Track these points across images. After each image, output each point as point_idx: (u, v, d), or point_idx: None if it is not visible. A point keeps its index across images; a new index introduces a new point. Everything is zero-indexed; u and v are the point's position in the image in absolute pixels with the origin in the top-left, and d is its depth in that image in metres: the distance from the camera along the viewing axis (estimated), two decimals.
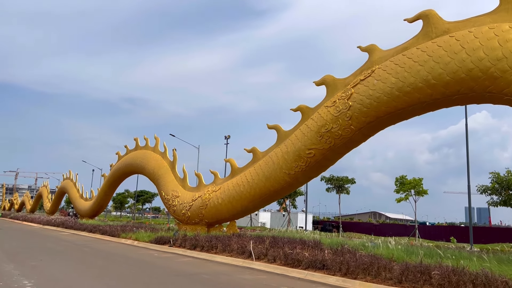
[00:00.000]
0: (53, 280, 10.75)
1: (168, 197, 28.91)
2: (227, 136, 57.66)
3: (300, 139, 19.16)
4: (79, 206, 50.28)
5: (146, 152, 35.02)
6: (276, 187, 20.73)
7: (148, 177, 33.68)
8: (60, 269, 12.76)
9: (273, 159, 20.82)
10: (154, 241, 22.32)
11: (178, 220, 28.13)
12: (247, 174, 22.48)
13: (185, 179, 29.30)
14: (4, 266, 12.80)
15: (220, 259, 16.29)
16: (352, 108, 16.77)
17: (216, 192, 24.53)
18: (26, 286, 9.65)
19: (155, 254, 18.48)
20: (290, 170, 19.72)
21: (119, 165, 39.58)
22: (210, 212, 24.60)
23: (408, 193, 38.29)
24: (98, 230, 30.69)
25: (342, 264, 12.05)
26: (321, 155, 18.33)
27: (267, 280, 11.80)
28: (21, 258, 15.25)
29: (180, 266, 14.52)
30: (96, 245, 22.36)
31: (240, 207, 22.93)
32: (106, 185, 42.43)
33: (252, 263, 14.68)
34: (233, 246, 17.21)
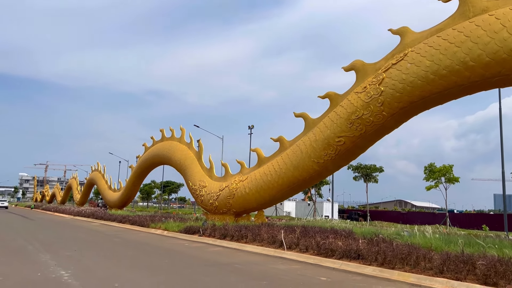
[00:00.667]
0: (88, 270, 10.85)
1: (195, 187, 29.03)
2: (251, 126, 57.52)
3: (329, 127, 18.75)
4: (108, 197, 51.30)
5: (172, 143, 35.24)
6: (305, 176, 20.44)
7: (175, 167, 33.92)
8: (94, 260, 12.89)
9: (301, 147, 20.50)
10: (183, 231, 22.44)
11: (206, 210, 28.24)
12: (275, 164, 22.26)
13: (212, 169, 29.33)
14: (40, 257, 13.03)
15: (251, 248, 16.19)
16: (384, 93, 16.23)
17: (243, 182, 24.43)
18: (63, 277, 9.74)
19: (186, 244, 18.55)
20: (319, 159, 19.37)
21: (146, 156, 40.02)
22: (238, 201, 24.56)
23: (438, 180, 37.38)
24: (128, 220, 31.16)
25: (379, 253, 11.71)
26: (352, 142, 17.90)
27: (301, 270, 11.60)
28: (55, 248, 15.53)
29: (212, 256, 14.49)
30: (127, 235, 22.66)
31: (268, 196, 22.77)
32: (133, 176, 43.06)
33: (283, 253, 14.50)
34: (263, 235, 17.07)
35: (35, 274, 9.96)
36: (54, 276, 9.83)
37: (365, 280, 10.32)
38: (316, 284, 9.65)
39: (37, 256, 13.18)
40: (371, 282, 10.14)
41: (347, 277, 10.75)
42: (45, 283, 8.94)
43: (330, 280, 10.19)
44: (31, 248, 15.31)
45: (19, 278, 9.48)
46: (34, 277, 9.65)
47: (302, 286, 9.40)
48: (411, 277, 10.18)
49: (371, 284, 9.85)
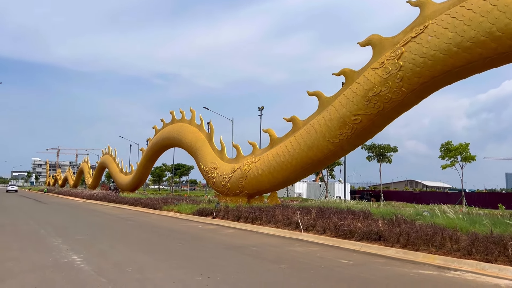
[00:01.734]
0: (101, 254, 10.54)
1: (207, 169, 28.71)
2: (261, 107, 56.89)
3: (345, 105, 18.09)
4: (119, 180, 51.41)
5: (183, 125, 34.87)
6: (319, 156, 19.90)
7: (186, 150, 33.61)
8: (107, 243, 12.61)
9: (315, 127, 19.90)
10: (196, 213, 22.18)
11: (218, 191, 27.97)
12: (288, 144, 21.73)
13: (223, 151, 28.93)
14: (52, 241, 12.79)
15: (266, 230, 15.82)
16: (403, 68, 15.48)
17: (255, 163, 23.99)
18: (75, 261, 9.44)
19: (199, 226, 18.27)
20: (334, 138, 18.78)
21: (157, 139, 39.77)
22: (251, 183, 24.17)
23: (454, 159, 36.60)
24: (140, 203, 31.08)
25: (401, 235, 11.22)
26: (369, 121, 17.24)
27: (321, 253, 11.18)
28: (68, 232, 15.32)
29: (227, 238, 14.14)
30: (140, 218, 22.48)
31: (281, 177, 22.32)
32: (144, 159, 42.93)
33: (300, 235, 14.09)
34: (278, 217, 16.67)
35: (46, 259, 9.67)
36: (65, 261, 9.53)
37: (388, 263, 9.86)
38: (338, 267, 9.22)
39: (49, 240, 12.94)
40: (395, 264, 9.69)
41: (369, 259, 10.30)
42: (57, 268, 8.63)
43: (352, 263, 9.75)
44: (43, 232, 15.12)
45: (30, 263, 9.20)
46: (45, 262, 9.36)
47: (323, 269, 8.98)
48: (437, 259, 9.69)
49: (395, 267, 9.39)
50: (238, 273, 8.41)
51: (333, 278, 8.16)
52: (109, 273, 8.26)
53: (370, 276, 8.39)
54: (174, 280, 7.73)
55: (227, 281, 7.69)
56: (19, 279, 7.67)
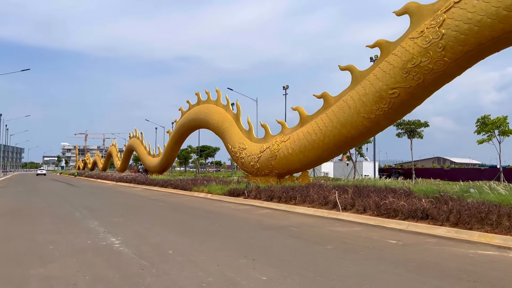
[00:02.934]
0: (139, 237, 10.33)
1: (235, 150, 28.42)
2: (285, 86, 56.04)
3: (381, 78, 17.23)
4: (148, 162, 51.91)
5: (209, 106, 34.56)
6: (353, 134, 19.19)
7: (213, 131, 33.36)
8: (143, 225, 12.44)
9: (348, 103, 19.13)
10: (227, 193, 21.94)
11: (247, 172, 27.69)
12: (319, 122, 21.06)
13: (251, 131, 28.53)
14: (88, 223, 12.72)
15: (301, 210, 15.38)
16: (445, 36, 14.48)
17: (285, 142, 23.49)
18: (114, 244, 9.24)
19: (232, 207, 17.99)
20: (369, 114, 18.00)
21: (183, 120, 39.67)
22: (281, 163, 23.73)
23: (491, 133, 35.06)
24: (170, 184, 31.15)
25: (451, 213, 10.56)
26: (407, 94, 16.37)
27: (365, 233, 10.66)
28: (102, 214, 15.28)
29: (263, 219, 13.78)
30: (171, 199, 22.43)
31: (313, 156, 21.75)
32: (172, 141, 43.03)
33: (339, 214, 13.58)
34: (313, 196, 16.18)
35: (85, 242, 9.52)
36: (104, 243, 9.35)
37: (441, 242, 9.26)
38: (387, 248, 8.69)
39: (85, 223, 12.88)
40: (449, 244, 9.08)
41: (419, 239, 9.72)
42: (97, 251, 8.43)
43: (402, 243, 9.20)
44: (78, 215, 15.13)
45: (69, 246, 9.05)
46: (84, 244, 9.20)
47: (372, 250, 8.47)
48: (495, 239, 9.03)
49: (450, 247, 8.79)
50: (283, 255, 8.00)
51: (386, 259, 7.64)
52: (150, 256, 7.99)
53: (425, 257, 7.83)
54: (218, 263, 7.38)
55: (273, 264, 7.28)
56: (61, 262, 7.49)
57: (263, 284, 6.08)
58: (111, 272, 6.79)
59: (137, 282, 6.21)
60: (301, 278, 6.36)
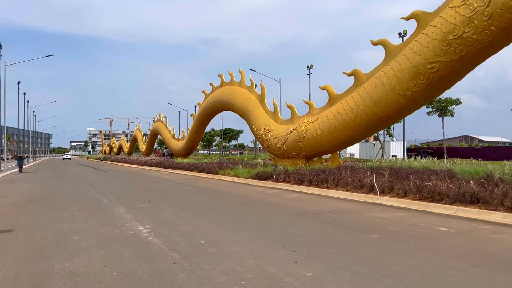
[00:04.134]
0: (168, 225, 9.81)
1: (260, 132, 27.70)
2: (309, 66, 54.72)
3: (418, 52, 16.04)
4: (172, 146, 51.87)
5: (232, 88, 33.82)
6: (388, 112, 18.11)
7: (237, 113, 32.68)
8: (171, 212, 11.96)
9: (382, 80, 18.02)
10: (255, 176, 21.35)
11: (273, 154, 26.98)
12: (350, 101, 20.02)
13: (276, 112, 27.67)
14: (115, 210, 12.33)
15: (335, 194, 14.61)
16: (492, 3, 13.17)
17: (313, 123, 22.58)
18: (142, 233, 8.74)
19: (261, 191, 17.38)
20: (405, 91, 16.88)
21: (207, 103, 39.12)
22: (309, 144, 22.88)
23: None
24: (195, 168, 30.83)
25: (506, 196, 9.60)
26: (448, 68, 15.17)
27: (409, 218, 9.84)
28: (129, 200, 14.92)
29: (295, 203, 13.10)
30: (198, 183, 22.01)
31: (343, 137, 20.79)
32: (196, 124, 42.64)
33: (377, 198, 12.76)
34: (346, 179, 15.37)
35: (112, 231, 9.06)
36: (132, 232, 8.86)
37: (498, 230, 8.36)
38: (440, 236, 7.86)
39: (112, 210, 12.49)
40: (508, 232, 8.17)
41: (471, 226, 8.83)
42: (124, 242, 7.93)
43: (454, 231, 8.35)
44: (105, 201, 14.81)
45: (96, 236, 8.60)
46: (111, 234, 8.74)
47: (423, 240, 7.67)
48: None
49: (511, 235, 7.89)
50: (325, 246, 7.30)
51: (442, 250, 6.84)
52: (181, 247, 7.42)
53: (485, 247, 6.98)
54: (256, 255, 6.75)
55: (316, 257, 6.59)
56: (87, 255, 7.01)
57: (309, 281, 5.40)
58: (140, 267, 6.24)
59: (169, 279, 5.63)
60: (351, 274, 5.65)
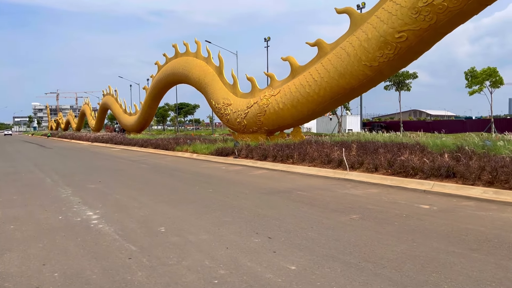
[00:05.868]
0: (121, 208, 8.64)
1: (219, 106, 26.50)
2: (267, 38, 53.54)
3: (386, 21, 15.39)
4: (124, 121, 49.39)
5: (188, 59, 32.10)
6: (353, 84, 17.51)
7: (194, 85, 31.12)
8: (124, 193, 10.74)
9: (347, 50, 17.32)
10: (215, 153, 20.29)
11: (233, 129, 25.97)
12: (313, 72, 19.25)
13: (236, 85, 26.48)
14: (61, 192, 10.92)
15: (302, 170, 13.89)
16: None
17: (275, 96, 21.69)
18: (91, 220, 7.54)
19: (223, 168, 16.38)
20: (372, 62, 16.28)
21: (160, 75, 37.12)
22: (270, 118, 22.04)
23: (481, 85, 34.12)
24: (150, 144, 29.24)
25: (483, 170, 9.22)
26: (417, 37, 14.63)
27: (386, 195, 9.24)
28: (77, 180, 13.45)
29: (261, 181, 12.24)
30: (153, 161, 20.64)
31: (306, 111, 20.08)
32: (149, 97, 40.54)
33: (346, 174, 12.15)
34: (312, 154, 14.69)
35: (55, 218, 7.78)
36: (79, 219, 7.64)
37: (482, 206, 7.90)
38: (424, 216, 7.27)
39: (56, 191, 11.06)
40: (493, 208, 7.73)
41: (452, 202, 8.35)
42: (69, 231, 6.73)
43: (437, 208, 7.81)
44: (49, 181, 13.26)
45: (35, 224, 7.30)
46: (54, 221, 7.47)
47: (408, 219, 7.04)
48: None
49: (497, 212, 7.44)
50: (303, 230, 6.48)
51: (432, 232, 6.22)
52: (138, 237, 6.35)
53: (477, 227, 6.43)
54: (227, 244, 5.81)
55: (296, 244, 5.75)
56: (22, 250, 5.77)
57: (295, 277, 4.55)
58: (88, 264, 5.13)
59: (124, 280, 4.58)
60: (341, 266, 4.86)
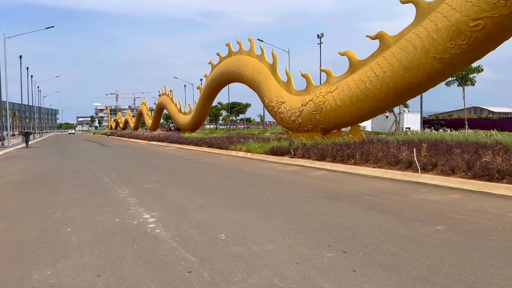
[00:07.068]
0: (179, 211, 8.23)
1: (272, 104, 25.87)
2: (320, 34, 52.24)
3: (458, 8, 13.98)
4: (179, 120, 50.21)
5: (242, 57, 31.77)
6: (420, 79, 16.18)
7: (247, 84, 30.74)
8: (181, 193, 10.37)
9: (413, 42, 16.02)
10: (269, 152, 19.68)
11: (287, 128, 25.23)
12: (374, 67, 18.07)
13: (290, 83, 25.72)
14: (117, 192, 10.77)
15: (365, 171, 12.91)
16: None
17: (332, 93, 20.69)
18: (148, 223, 7.15)
19: (279, 168, 15.73)
20: (442, 54, 14.91)
21: (214, 74, 37.16)
22: (327, 116, 21.07)
23: None
24: (204, 143, 29.23)
25: None
26: (496, 25, 13.13)
27: (470, 202, 8.12)
28: (134, 179, 13.35)
29: (322, 183, 11.45)
30: (208, 160, 20.41)
31: (367, 107, 18.94)
32: (203, 97, 40.81)
33: (418, 177, 11.05)
34: (377, 154, 13.64)
35: (112, 220, 7.48)
36: (136, 222, 7.29)
37: None
38: None
39: (114, 191, 10.93)
40: None
41: None
42: (126, 236, 6.36)
43: None
44: (107, 180, 13.27)
45: (92, 227, 7.03)
46: (111, 224, 7.16)
47: (506, 232, 5.98)
48: None
49: None
50: (383, 243, 5.65)
51: None
52: (197, 245, 5.82)
53: None
54: (296, 258, 5.12)
55: (379, 261, 4.95)
56: (76, 258, 5.42)
57: None
58: (145, 278, 4.64)
59: None
60: None
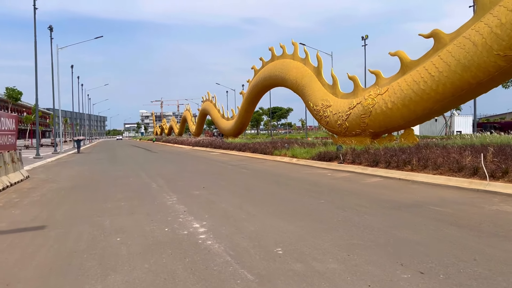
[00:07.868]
0: (229, 220, 7.83)
1: (317, 108, 25.20)
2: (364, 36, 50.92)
3: None
4: (222, 125, 50.46)
5: (285, 61, 31.34)
6: (481, 78, 15.05)
7: (291, 88, 30.26)
8: (230, 201, 10.00)
9: (473, 39, 14.93)
10: (316, 157, 19.03)
11: (333, 132, 24.47)
12: (429, 67, 17.04)
13: (336, 85, 24.96)
14: (166, 199, 10.55)
15: (425, 178, 12.00)
16: None
17: (382, 95, 19.77)
18: (199, 234, 6.79)
19: (328, 174, 15.06)
20: (506, 50, 13.77)
21: (257, 79, 36.96)
22: (377, 120, 20.15)
23: None
24: (248, 148, 28.96)
25: None
26: None
27: None
28: (181, 186, 13.16)
29: (379, 191, 10.71)
30: (253, 165, 20.04)
31: (421, 110, 17.90)
32: (245, 102, 40.75)
33: (487, 185, 10.08)
34: (436, 160, 12.69)
35: (161, 230, 7.19)
36: (186, 232, 6.94)
37: None
38: None
39: (162, 198, 10.73)
40: None
41: None
42: (177, 248, 6.01)
43: None
44: (155, 186, 13.16)
45: (141, 237, 6.75)
46: (160, 234, 6.86)
47: None
48: None
49: None
50: (464, 263, 4.94)
51: None
52: (253, 260, 5.36)
53: None
54: (366, 279, 4.54)
55: (466, 286, 4.27)
56: (126, 271, 5.11)
57: None
58: None
59: None
60: None
